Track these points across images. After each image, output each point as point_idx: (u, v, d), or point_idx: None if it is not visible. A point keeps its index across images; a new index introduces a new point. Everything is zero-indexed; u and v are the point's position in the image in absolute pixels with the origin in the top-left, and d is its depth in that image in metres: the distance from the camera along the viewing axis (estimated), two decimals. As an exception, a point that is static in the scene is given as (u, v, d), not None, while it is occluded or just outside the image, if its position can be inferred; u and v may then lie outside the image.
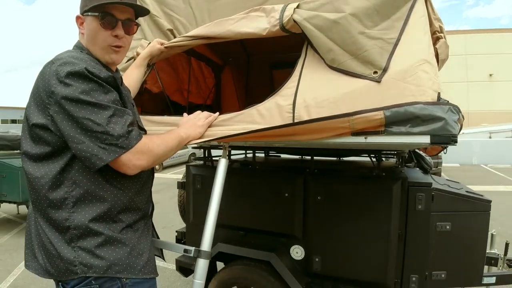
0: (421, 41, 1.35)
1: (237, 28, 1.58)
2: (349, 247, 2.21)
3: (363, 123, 1.26)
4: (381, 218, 2.11)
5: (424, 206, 2.08)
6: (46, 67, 1.19)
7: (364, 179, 2.24)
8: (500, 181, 10.71)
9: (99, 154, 1.14)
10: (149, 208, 1.46)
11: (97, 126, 1.13)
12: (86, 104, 1.13)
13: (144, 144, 1.24)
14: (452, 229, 2.19)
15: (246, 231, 2.57)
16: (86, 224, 1.19)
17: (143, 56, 1.82)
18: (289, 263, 2.32)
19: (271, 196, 2.42)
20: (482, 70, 24.53)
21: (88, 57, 1.26)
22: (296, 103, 1.43)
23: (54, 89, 1.13)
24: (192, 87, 3.09)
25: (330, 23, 1.40)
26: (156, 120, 1.80)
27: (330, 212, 2.25)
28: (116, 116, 1.17)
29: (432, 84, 1.25)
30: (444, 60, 1.75)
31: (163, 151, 1.33)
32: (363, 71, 1.36)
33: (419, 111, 1.21)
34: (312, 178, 2.30)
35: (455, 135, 1.19)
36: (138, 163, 1.22)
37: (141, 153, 1.22)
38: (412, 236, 2.13)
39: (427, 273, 2.21)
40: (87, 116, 1.12)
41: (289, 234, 2.37)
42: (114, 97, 1.21)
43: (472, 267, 2.27)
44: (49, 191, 1.19)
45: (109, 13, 1.26)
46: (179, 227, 3.30)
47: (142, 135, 1.27)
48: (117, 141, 1.15)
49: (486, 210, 2.21)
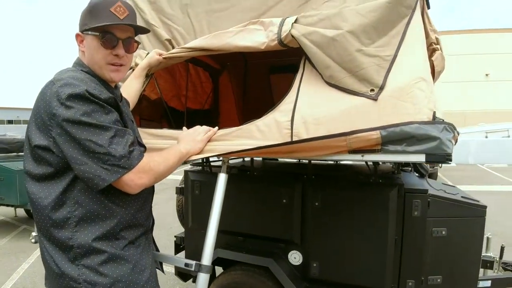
0: (417, 58, 1.37)
1: (235, 41, 1.60)
2: (347, 253, 2.24)
3: (360, 142, 1.29)
4: (378, 224, 2.14)
5: (420, 212, 2.11)
6: (47, 88, 1.20)
7: (361, 186, 2.26)
8: (497, 181, 10.78)
9: (102, 175, 1.16)
10: (150, 223, 1.48)
11: (99, 148, 1.15)
12: (88, 126, 1.15)
13: (146, 163, 1.26)
14: (448, 234, 2.22)
15: (244, 236, 2.59)
16: (89, 243, 1.21)
17: (142, 67, 1.83)
18: (287, 268, 2.35)
19: (269, 202, 2.44)
20: (478, 70, 24.63)
21: (88, 77, 1.27)
22: (294, 119, 1.45)
23: (55, 111, 1.14)
24: (190, 92, 3.11)
25: (328, 40, 1.42)
26: (155, 133, 1.82)
27: (328, 218, 2.27)
28: (117, 137, 1.19)
29: (427, 103, 1.27)
30: (440, 72, 1.77)
31: (164, 169, 1.35)
32: (360, 89, 1.38)
33: (415, 130, 1.23)
34: (310, 184, 2.32)
35: (450, 154, 1.22)
36: (140, 182, 1.24)
37: (142, 172, 1.24)
38: (408, 242, 2.16)
39: (423, 278, 2.23)
40: (89, 138, 1.14)
41: (287, 239, 2.39)
42: (115, 117, 1.23)
43: (468, 271, 2.30)
44: (52, 211, 1.20)
45: (110, 32, 1.27)
46: (177, 229, 3.31)
47: (143, 154, 1.29)
48: (119, 162, 1.18)
49: (481, 216, 2.24)
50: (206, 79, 3.34)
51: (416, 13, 1.42)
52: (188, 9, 1.93)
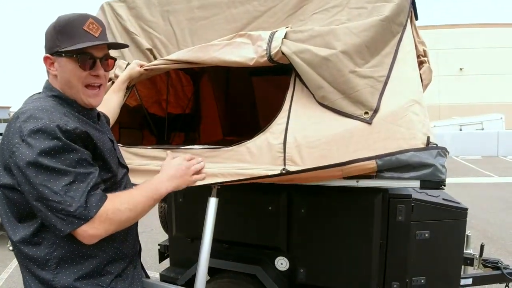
0: (410, 79, 1.36)
1: (222, 56, 1.54)
2: (333, 258, 2.25)
3: (355, 171, 1.28)
4: (363, 230, 2.15)
5: (404, 217, 2.14)
6: (12, 123, 1.11)
7: (346, 192, 2.27)
8: (471, 173, 11.14)
9: (57, 224, 1.06)
10: (136, 250, 1.41)
11: (54, 195, 1.04)
12: (44, 169, 1.04)
13: (104, 212, 1.11)
14: (430, 236, 2.26)
15: (230, 244, 2.57)
16: (72, 283, 1.14)
17: (122, 79, 1.75)
18: (274, 274, 2.34)
19: (255, 209, 2.42)
20: (452, 64, 25.32)
21: (55, 105, 1.17)
22: (287, 142, 1.42)
23: (16, 149, 1.06)
24: (171, 96, 3.04)
25: (320, 60, 1.39)
26: (139, 152, 1.74)
27: (314, 224, 2.27)
28: (77, 182, 1.08)
29: (422, 127, 1.28)
30: (427, 85, 1.78)
31: (128, 216, 1.18)
32: (354, 111, 1.36)
33: (410, 158, 1.23)
34: (296, 191, 2.31)
35: (443, 180, 1.23)
36: (94, 233, 1.10)
37: (98, 222, 1.10)
38: (393, 246, 2.19)
39: (407, 279, 2.28)
40: (44, 183, 1.04)
41: (273, 246, 2.38)
42: (79, 156, 1.11)
43: (450, 271, 2.37)
44: (26, 247, 1.13)
45: (87, 53, 1.18)
46: (158, 231, 3.22)
47: (105, 200, 1.14)
48: (75, 212, 1.06)
49: (463, 218, 2.31)
50: (187, 82, 3.28)
51: (407, 30, 1.41)
52: (169, 16, 1.86)
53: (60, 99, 1.20)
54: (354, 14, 1.46)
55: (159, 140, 2.87)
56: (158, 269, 2.74)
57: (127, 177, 1.43)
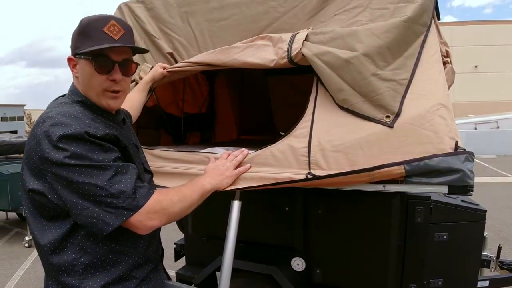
0: (435, 81, 1.33)
1: (243, 58, 1.55)
2: (350, 259, 2.25)
3: (383, 176, 1.27)
4: (381, 231, 2.15)
5: (423, 219, 2.13)
6: (37, 127, 1.09)
7: (364, 194, 2.27)
8: (486, 172, 10.95)
9: (106, 219, 1.05)
10: (159, 255, 1.42)
11: (100, 190, 1.04)
12: (85, 168, 1.04)
13: (156, 202, 1.14)
14: (449, 238, 2.24)
15: (246, 244, 2.58)
16: None
17: (146, 80, 1.76)
18: (291, 275, 2.34)
19: (272, 210, 2.43)
20: (467, 61, 24.89)
21: (82, 111, 1.15)
22: (311, 145, 1.40)
23: (48, 154, 1.03)
24: (188, 95, 3.05)
25: (342, 62, 1.37)
26: (162, 155, 1.74)
27: (330, 225, 2.27)
28: (119, 175, 1.08)
29: (449, 131, 1.25)
30: (450, 86, 1.75)
31: (180, 209, 1.22)
32: (375, 115, 1.35)
33: (438, 164, 1.22)
34: (312, 192, 2.31)
35: (471, 186, 1.21)
36: (150, 224, 1.13)
37: (153, 212, 1.12)
38: (411, 247, 2.17)
39: (425, 281, 2.26)
40: (87, 181, 1.04)
41: (289, 247, 2.39)
42: (114, 155, 1.11)
43: (468, 273, 2.35)
44: (51, 255, 1.12)
45: (104, 55, 1.14)
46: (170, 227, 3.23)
47: (154, 191, 1.17)
48: (124, 203, 1.07)
49: (481, 220, 2.28)
50: (203, 81, 3.28)
51: (431, 31, 1.38)
52: (188, 17, 1.86)
53: (85, 105, 1.19)
54: (376, 15, 1.44)
55: (175, 139, 2.90)
56: (173, 267, 2.76)
57: (152, 183, 1.44)
